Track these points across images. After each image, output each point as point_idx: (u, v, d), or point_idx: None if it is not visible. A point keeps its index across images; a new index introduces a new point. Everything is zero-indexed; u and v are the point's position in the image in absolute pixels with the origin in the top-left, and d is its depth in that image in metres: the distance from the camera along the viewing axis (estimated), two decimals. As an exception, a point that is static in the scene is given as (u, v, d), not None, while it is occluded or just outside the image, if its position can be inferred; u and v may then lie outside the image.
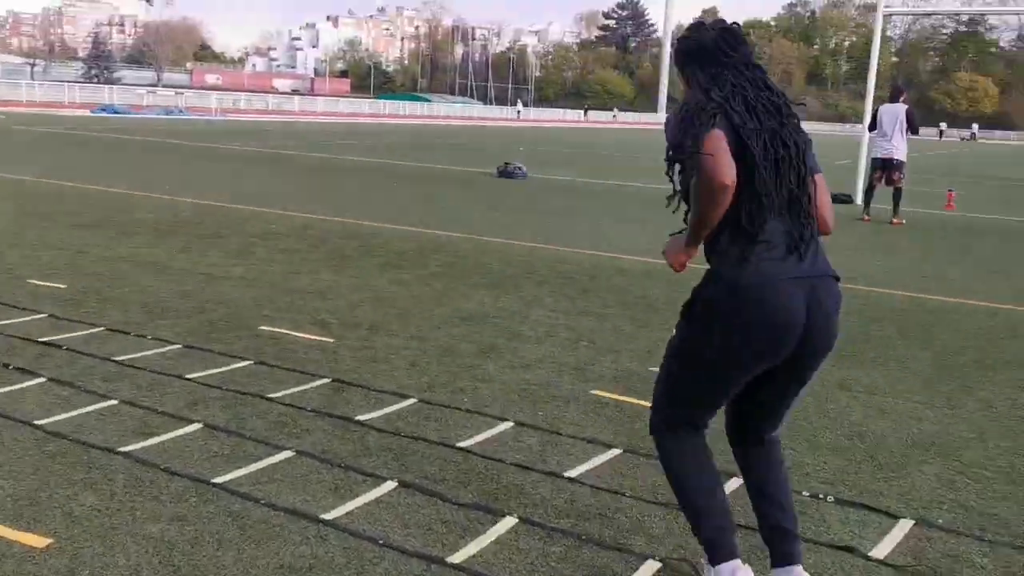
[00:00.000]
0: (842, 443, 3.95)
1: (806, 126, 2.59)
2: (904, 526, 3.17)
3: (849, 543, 3.02)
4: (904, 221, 12.42)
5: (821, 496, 3.39)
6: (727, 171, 2.31)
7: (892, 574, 2.85)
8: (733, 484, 3.21)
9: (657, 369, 2.71)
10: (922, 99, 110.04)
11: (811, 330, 2.41)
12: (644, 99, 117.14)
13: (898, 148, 12.27)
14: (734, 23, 2.61)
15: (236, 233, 8.93)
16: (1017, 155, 50.09)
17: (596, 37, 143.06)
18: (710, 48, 2.52)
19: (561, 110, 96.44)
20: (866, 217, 12.61)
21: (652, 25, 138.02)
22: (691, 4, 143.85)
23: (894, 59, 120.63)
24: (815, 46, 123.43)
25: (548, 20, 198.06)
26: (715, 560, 2.52)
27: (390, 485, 3.34)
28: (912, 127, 12.30)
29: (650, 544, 2.98)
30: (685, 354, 2.54)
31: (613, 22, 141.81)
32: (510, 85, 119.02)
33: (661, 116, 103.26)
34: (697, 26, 2.62)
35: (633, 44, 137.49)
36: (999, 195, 20.00)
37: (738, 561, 2.51)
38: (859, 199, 14.70)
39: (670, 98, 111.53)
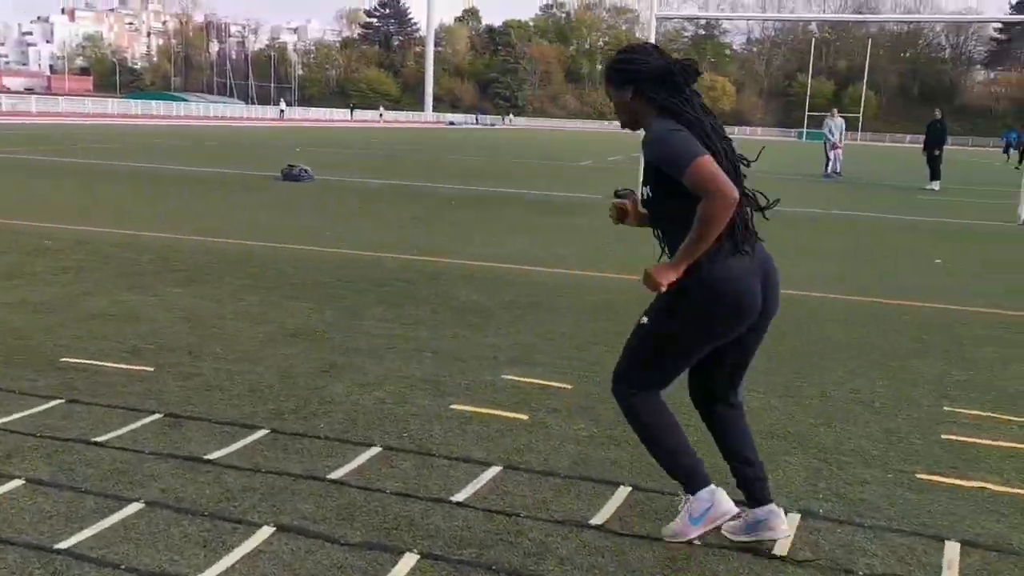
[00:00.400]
0: (704, 437, 3.99)
1: (570, 124, 2.85)
2: (793, 520, 3.24)
3: (746, 544, 3.04)
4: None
5: (708, 498, 3.41)
6: (733, 188, 2.68)
7: (798, 571, 2.89)
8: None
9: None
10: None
11: (767, 300, 2.91)
12: (410, 98, 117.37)
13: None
14: (689, 59, 2.93)
15: (4, 251, 7.97)
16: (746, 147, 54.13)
17: (359, 35, 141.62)
18: (676, 74, 2.83)
19: (327, 109, 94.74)
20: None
21: (415, 24, 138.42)
22: (452, 4, 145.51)
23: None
24: (572, 47, 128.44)
25: (306, 17, 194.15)
26: (694, 488, 3.01)
27: (266, 531, 3.01)
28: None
29: (562, 566, 2.86)
30: (666, 340, 2.94)
31: (375, 20, 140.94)
32: (272, 84, 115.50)
33: (428, 115, 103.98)
34: (648, 49, 2.92)
35: (397, 43, 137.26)
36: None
37: (712, 485, 3.02)
38: (639, 193, 15.38)
39: (437, 98, 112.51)
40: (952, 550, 3.05)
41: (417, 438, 3.93)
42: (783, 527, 3.04)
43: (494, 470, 3.61)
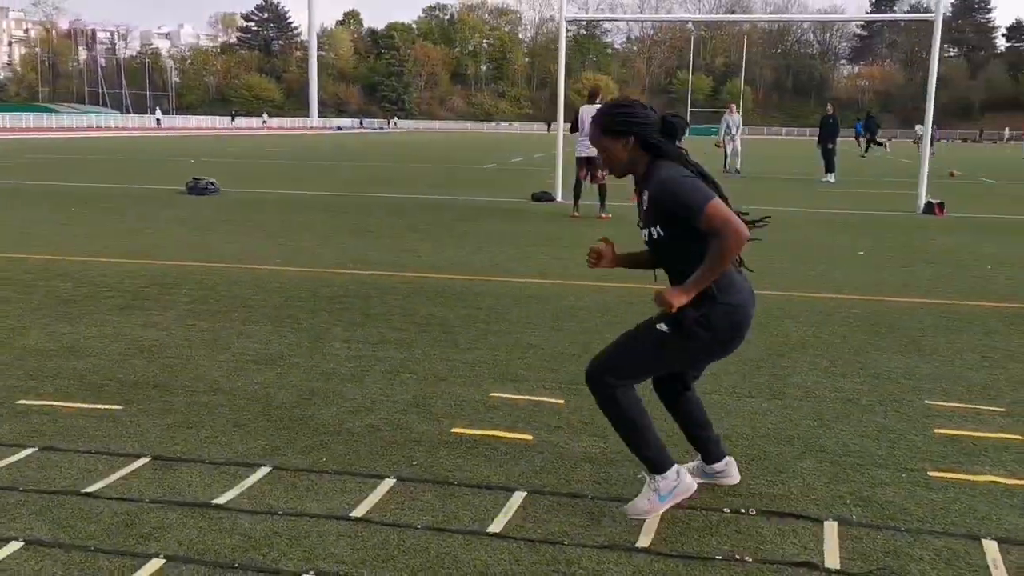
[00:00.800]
0: (731, 450, 3.99)
1: (454, 125, 3.00)
2: (832, 529, 3.25)
3: (798, 557, 3.03)
4: (611, 215, 13.18)
5: (742, 511, 3.39)
6: (745, 226, 3.00)
7: (858, 583, 2.89)
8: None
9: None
10: (555, 97, 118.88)
11: None
12: (295, 103, 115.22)
13: (599, 147, 12.94)
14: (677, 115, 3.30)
15: (-89, 283, 7.40)
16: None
17: (238, 40, 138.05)
18: (678, 127, 3.20)
19: (208, 117, 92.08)
20: (575, 214, 13.23)
21: (295, 27, 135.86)
22: (333, 7, 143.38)
23: (527, 59, 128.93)
24: (456, 48, 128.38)
25: (178, 22, 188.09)
26: (663, 468, 3.29)
27: (308, 580, 2.84)
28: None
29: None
30: (668, 350, 3.20)
31: (253, 24, 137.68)
32: (148, 92, 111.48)
33: (315, 120, 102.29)
34: (640, 103, 3.22)
35: (277, 47, 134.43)
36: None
37: (677, 465, 3.34)
38: (559, 197, 15.45)
39: (322, 103, 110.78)
40: (991, 549, 3.11)
41: (428, 466, 3.79)
42: (736, 474, 3.58)
43: (519, 496, 3.51)
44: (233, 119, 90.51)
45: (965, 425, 4.37)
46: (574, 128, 13.20)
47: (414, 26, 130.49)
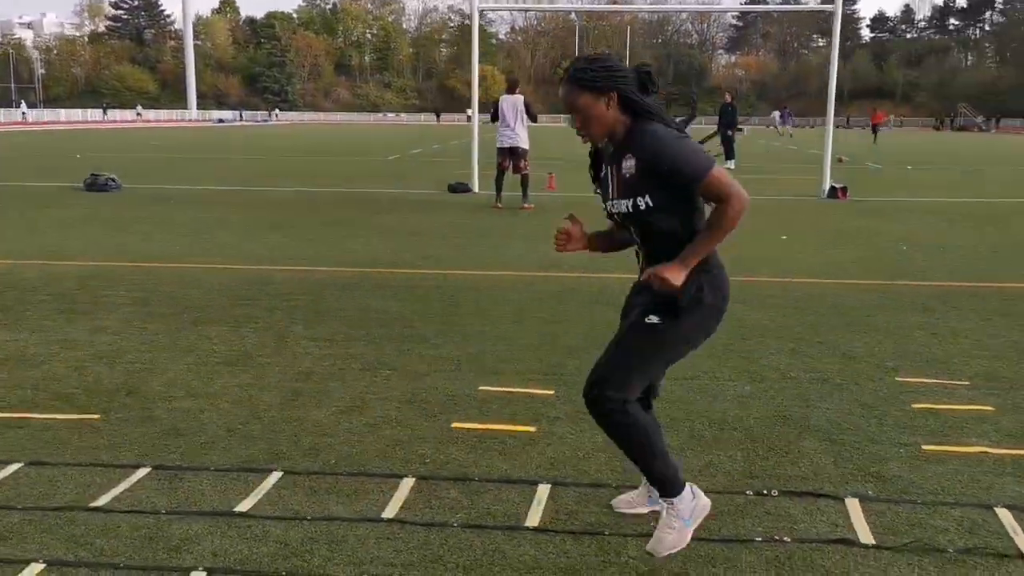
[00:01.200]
0: (721, 435, 4.08)
1: (341, 117, 2.89)
2: (854, 506, 3.36)
3: (833, 535, 3.13)
4: (534, 206, 13.23)
5: (765, 492, 3.48)
6: (747, 194, 2.70)
7: (898, 557, 3.00)
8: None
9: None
10: (442, 87, 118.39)
11: None
12: (171, 95, 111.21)
13: (520, 137, 13.00)
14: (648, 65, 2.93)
15: None
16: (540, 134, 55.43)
17: (107, 29, 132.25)
18: (653, 81, 2.87)
19: (79, 110, 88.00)
20: (498, 205, 13.22)
21: (168, 16, 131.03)
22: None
23: (411, 50, 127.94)
24: (339, 38, 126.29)
25: (40, 11, 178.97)
26: (676, 489, 2.93)
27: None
28: (531, 115, 13.08)
29: (685, 582, 2.82)
30: (674, 343, 2.89)
31: (123, 13, 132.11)
32: (12, 85, 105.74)
33: (193, 113, 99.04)
34: (613, 57, 2.92)
35: (149, 36, 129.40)
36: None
37: (689, 484, 2.99)
38: (477, 188, 15.43)
39: (201, 94, 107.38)
40: (1006, 516, 3.28)
41: (442, 463, 3.75)
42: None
43: (544, 488, 3.51)
44: (105, 112, 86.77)
45: (938, 399, 4.58)
46: (494, 118, 13.19)
47: (295, 15, 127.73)
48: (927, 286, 7.62)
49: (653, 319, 2.84)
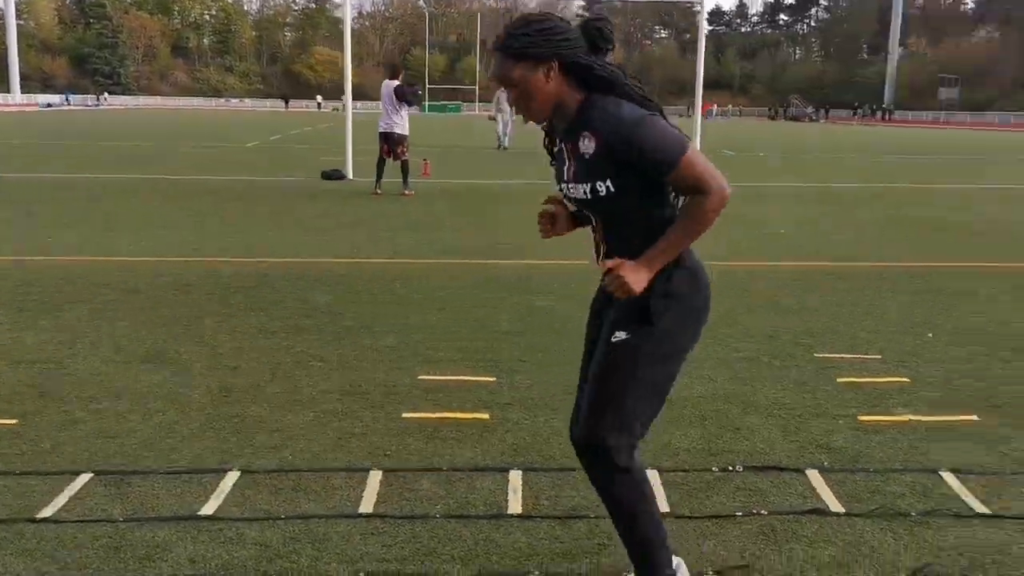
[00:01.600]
0: (671, 414, 4.14)
1: (180, 101, 2.61)
2: (815, 477, 3.50)
3: (806, 506, 3.24)
4: (414, 192, 13.07)
5: (730, 468, 3.57)
6: (727, 182, 2.30)
7: (868, 522, 3.14)
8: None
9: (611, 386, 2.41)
10: (288, 72, 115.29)
11: None
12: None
13: (395, 123, 12.81)
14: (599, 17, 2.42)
15: None
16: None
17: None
18: (607, 34, 2.37)
19: None
20: (378, 191, 12.99)
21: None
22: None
23: (254, 33, 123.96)
24: (176, 19, 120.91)
25: None
26: (668, 565, 2.51)
27: (361, 584, 2.69)
28: (407, 101, 12.89)
29: (689, 557, 2.86)
30: (658, 355, 2.40)
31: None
32: None
33: (17, 96, 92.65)
34: (554, 16, 2.36)
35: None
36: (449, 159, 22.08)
37: (675, 559, 2.58)
38: (351, 174, 15.12)
39: (25, 77, 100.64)
40: (952, 479, 3.49)
41: (404, 455, 3.67)
42: None
43: (516, 475, 3.49)
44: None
45: (859, 373, 4.82)
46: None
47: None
48: (817, 266, 8.00)
49: (620, 335, 2.39)
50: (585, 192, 2.37)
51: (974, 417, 4.17)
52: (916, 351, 5.24)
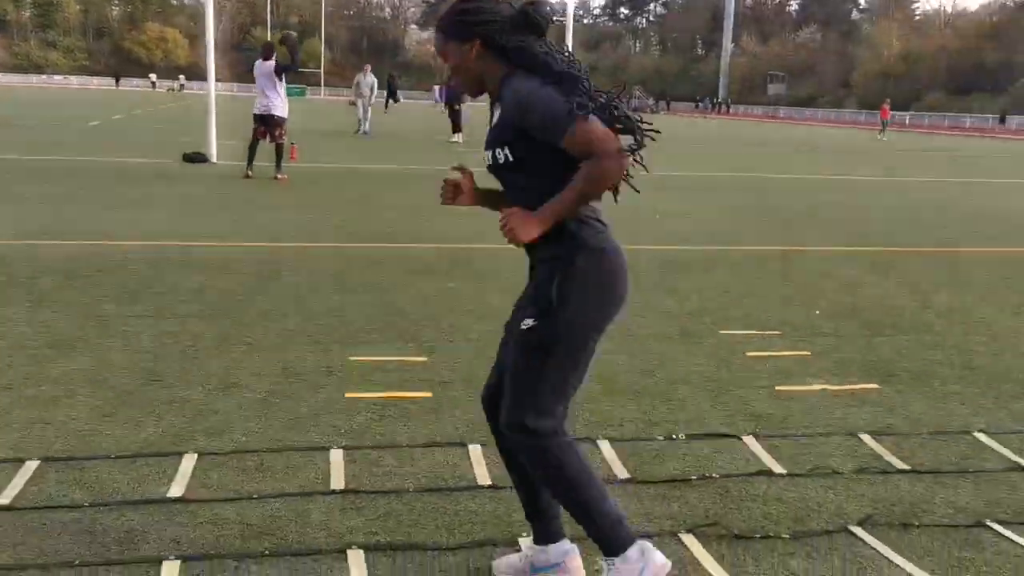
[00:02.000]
0: (606, 388, 4.32)
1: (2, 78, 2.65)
2: (752, 443, 3.74)
3: (752, 468, 3.48)
4: (288, 176, 12.78)
5: (673, 437, 3.78)
6: (621, 146, 2.34)
7: (809, 481, 3.41)
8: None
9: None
10: (117, 49, 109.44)
11: None
12: None
13: (274, 104, 12.47)
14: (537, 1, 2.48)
15: None
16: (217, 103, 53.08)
17: None
18: (543, 19, 2.45)
19: None
20: (249, 174, 12.63)
21: None
22: None
23: (79, 7, 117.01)
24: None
25: None
26: (623, 545, 2.49)
27: (359, 555, 2.72)
28: (286, 68, 12.51)
29: (650, 522, 3.02)
30: (567, 336, 2.41)
31: None
32: None
33: None
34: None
35: None
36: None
37: (640, 541, 2.51)
38: (215, 157, 14.62)
39: None
40: (870, 440, 3.82)
41: (358, 433, 3.69)
42: (579, 567, 2.64)
43: (475, 448, 3.57)
44: None
45: (764, 348, 5.15)
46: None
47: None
48: (702, 251, 8.40)
49: (529, 322, 2.41)
50: (488, 158, 2.48)
51: (875, 385, 4.56)
52: (809, 328, 5.64)
